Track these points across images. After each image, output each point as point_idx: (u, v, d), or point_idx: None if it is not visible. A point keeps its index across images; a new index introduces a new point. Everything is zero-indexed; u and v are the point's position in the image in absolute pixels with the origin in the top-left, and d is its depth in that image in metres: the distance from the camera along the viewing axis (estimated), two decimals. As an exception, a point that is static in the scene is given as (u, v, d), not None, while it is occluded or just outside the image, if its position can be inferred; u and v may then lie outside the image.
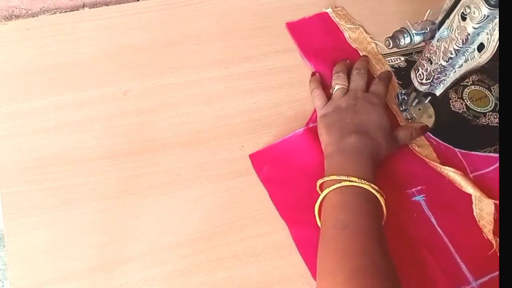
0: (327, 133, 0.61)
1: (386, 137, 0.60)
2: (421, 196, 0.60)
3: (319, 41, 0.73)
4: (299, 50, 0.72)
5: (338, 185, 0.54)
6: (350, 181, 0.53)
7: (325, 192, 0.55)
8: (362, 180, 0.53)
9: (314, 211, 0.56)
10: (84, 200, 0.59)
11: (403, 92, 0.66)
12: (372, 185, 0.54)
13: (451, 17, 0.52)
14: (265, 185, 0.61)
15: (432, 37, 0.56)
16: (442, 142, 0.65)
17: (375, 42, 0.73)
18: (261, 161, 0.62)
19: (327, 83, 0.68)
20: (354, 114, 0.61)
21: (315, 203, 0.55)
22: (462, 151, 0.64)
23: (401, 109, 0.66)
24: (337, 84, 0.65)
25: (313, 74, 0.69)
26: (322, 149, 0.61)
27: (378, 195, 0.54)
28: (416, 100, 0.65)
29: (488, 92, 0.69)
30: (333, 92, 0.65)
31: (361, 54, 0.72)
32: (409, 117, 0.66)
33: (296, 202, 0.59)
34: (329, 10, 0.76)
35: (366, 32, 0.74)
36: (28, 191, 0.59)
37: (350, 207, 0.53)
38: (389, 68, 0.71)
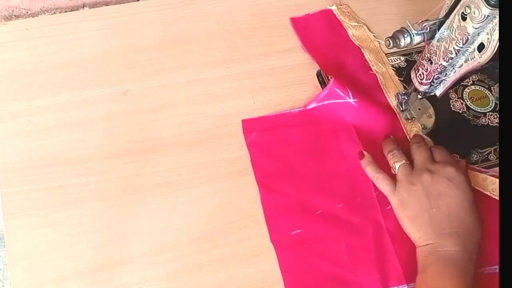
0: (416, 230, 0.54)
1: (478, 218, 0.54)
2: None
3: (322, 37, 0.73)
4: (302, 45, 0.72)
5: None
6: None
7: None
8: None
9: (288, 181, 0.60)
10: (84, 200, 0.58)
11: (403, 92, 0.66)
12: None
13: (451, 17, 0.52)
14: (249, 149, 0.63)
15: (432, 37, 0.56)
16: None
17: (378, 41, 0.73)
18: (252, 127, 0.65)
19: (330, 73, 0.67)
20: (438, 199, 0.54)
21: None
22: None
23: (401, 109, 0.66)
24: (397, 162, 0.59)
25: (361, 154, 0.62)
26: (412, 241, 0.55)
27: None
28: (416, 100, 0.65)
29: (488, 92, 0.69)
30: (397, 172, 0.59)
31: (363, 52, 0.71)
32: (409, 117, 0.66)
33: (275, 171, 0.62)
34: (333, 8, 0.76)
35: (370, 31, 0.74)
36: (28, 191, 0.59)
37: None
38: (391, 70, 0.70)
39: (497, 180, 0.58)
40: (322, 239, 0.58)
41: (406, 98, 0.66)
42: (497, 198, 0.58)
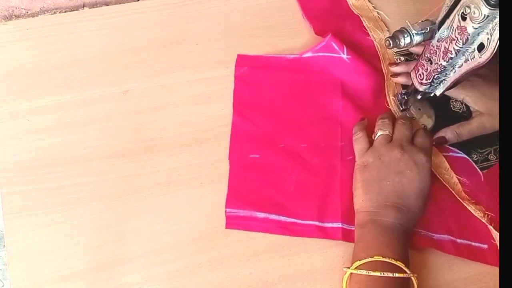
0: (364, 192, 0.57)
1: (424, 205, 0.57)
2: None
3: (322, 5, 0.74)
4: (301, 13, 0.73)
5: (369, 259, 0.52)
6: (383, 257, 0.51)
7: (354, 265, 0.52)
8: (394, 260, 0.51)
9: (263, 116, 0.63)
10: (84, 200, 0.59)
11: (403, 92, 0.66)
12: (404, 266, 0.51)
13: (451, 17, 0.52)
14: (235, 82, 0.67)
15: (432, 37, 0.56)
16: (452, 149, 0.64)
17: (377, 11, 0.74)
18: (245, 63, 0.69)
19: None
20: (396, 175, 0.56)
21: (344, 275, 0.54)
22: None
23: (401, 109, 0.66)
24: (380, 130, 0.61)
25: (362, 118, 0.64)
26: (353, 206, 0.58)
27: (411, 275, 0.52)
28: (416, 100, 0.65)
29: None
30: (375, 138, 0.61)
31: (362, 20, 0.72)
32: (409, 117, 0.66)
33: (254, 104, 0.65)
34: None
35: (369, 1, 0.75)
36: (28, 191, 0.59)
37: (378, 285, 0.51)
38: (387, 34, 0.71)
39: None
40: (275, 168, 0.62)
41: (406, 98, 0.65)
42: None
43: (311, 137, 0.64)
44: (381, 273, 0.50)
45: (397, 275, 0.50)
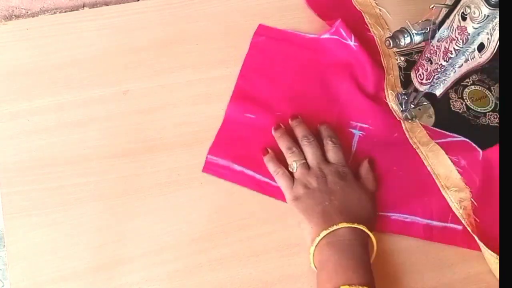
0: (309, 220, 0.56)
1: (371, 208, 0.58)
2: (360, 132, 0.65)
3: None
4: (306, 2, 0.75)
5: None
6: (349, 285, 0.50)
7: None
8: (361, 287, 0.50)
9: (268, 83, 0.66)
10: (84, 200, 0.59)
11: (403, 92, 0.66)
12: None
13: (451, 17, 0.52)
14: (250, 48, 0.70)
15: (432, 37, 0.56)
16: (450, 134, 0.65)
17: (379, 8, 0.75)
18: (264, 32, 0.72)
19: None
20: (329, 196, 0.57)
21: None
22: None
23: (401, 109, 0.66)
24: (295, 162, 0.60)
25: (265, 153, 0.62)
26: (307, 235, 0.57)
27: None
28: (416, 100, 0.65)
29: (488, 92, 0.69)
30: (294, 171, 0.60)
31: (364, 16, 0.73)
32: (409, 117, 0.66)
33: (261, 71, 0.68)
34: None
35: None
36: (28, 191, 0.59)
37: None
38: (387, 31, 0.72)
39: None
40: (265, 131, 0.64)
41: (406, 98, 0.66)
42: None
43: (308, 111, 0.66)
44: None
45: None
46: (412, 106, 0.66)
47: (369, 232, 0.54)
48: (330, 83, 0.68)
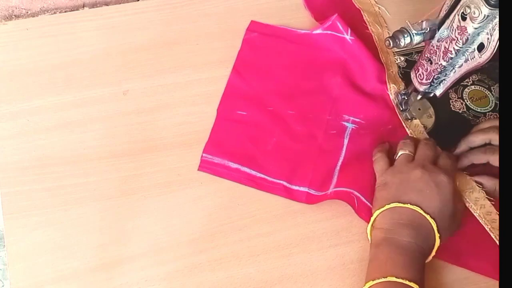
0: (378, 209, 0.55)
1: (445, 227, 0.54)
2: (353, 125, 0.66)
3: None
4: (303, 3, 0.75)
5: (382, 279, 0.50)
6: (396, 277, 0.49)
7: (368, 285, 0.51)
8: (408, 281, 0.49)
9: (260, 79, 0.66)
10: (84, 200, 0.59)
11: (403, 92, 0.66)
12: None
13: (451, 17, 0.52)
14: (242, 44, 0.70)
15: (432, 37, 0.56)
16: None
17: (378, 6, 0.76)
18: (256, 28, 0.72)
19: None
20: (414, 194, 0.54)
21: None
22: None
23: (401, 109, 0.66)
24: (402, 150, 0.59)
25: (383, 142, 0.63)
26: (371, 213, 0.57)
27: None
28: (416, 100, 0.65)
29: (488, 92, 0.69)
30: (396, 158, 0.59)
31: (363, 14, 0.74)
32: (409, 117, 0.66)
33: (254, 67, 0.69)
34: None
35: None
36: (28, 191, 0.59)
37: None
38: (387, 33, 0.73)
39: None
40: (259, 127, 0.65)
41: (406, 98, 0.65)
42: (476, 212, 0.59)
43: (300, 106, 0.66)
44: (385, 278, 0.49)
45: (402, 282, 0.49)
46: (415, 100, 0.66)
47: (435, 231, 0.53)
48: (322, 78, 0.69)
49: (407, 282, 0.49)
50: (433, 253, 0.54)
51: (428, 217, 0.53)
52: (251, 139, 0.64)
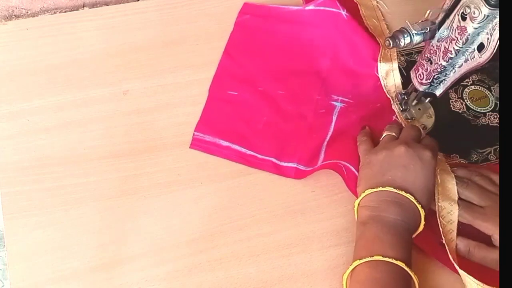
0: (363, 187, 0.56)
1: (428, 203, 0.55)
2: (342, 104, 0.67)
3: None
4: None
5: (369, 258, 0.50)
6: (383, 256, 0.50)
7: (354, 264, 0.51)
8: (395, 260, 0.50)
9: (251, 60, 0.66)
10: (84, 200, 0.59)
11: (403, 92, 0.66)
12: (406, 267, 0.50)
13: (451, 17, 0.52)
14: (235, 27, 0.71)
15: (432, 37, 0.56)
16: None
17: (376, 0, 0.76)
18: (248, 11, 0.73)
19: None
20: (398, 169, 0.55)
21: (344, 273, 0.52)
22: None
23: (401, 109, 0.66)
24: (387, 131, 0.61)
25: (363, 127, 0.64)
26: (356, 190, 0.58)
27: (412, 275, 0.50)
28: (416, 100, 0.65)
29: (488, 92, 0.69)
30: (381, 139, 0.61)
31: (360, 9, 0.73)
32: (409, 117, 0.66)
33: (246, 49, 0.70)
34: None
35: None
36: (28, 191, 0.59)
37: (379, 286, 0.49)
38: (384, 25, 0.73)
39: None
40: (249, 106, 0.66)
41: (406, 98, 0.65)
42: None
43: (290, 86, 0.67)
44: (371, 257, 0.50)
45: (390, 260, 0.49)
46: (410, 105, 0.66)
47: (417, 205, 0.53)
48: (312, 58, 0.70)
49: (393, 261, 0.50)
50: (421, 226, 0.54)
51: (402, 192, 0.53)
52: (242, 118, 0.65)
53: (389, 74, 0.67)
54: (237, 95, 0.66)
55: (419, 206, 0.53)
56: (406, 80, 0.69)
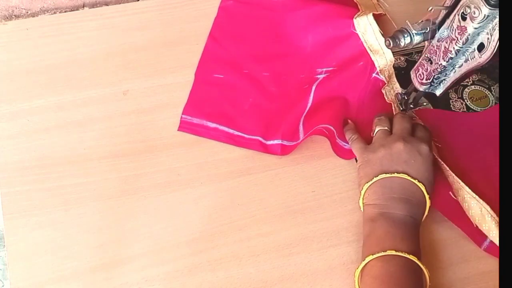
0: (369, 188, 0.56)
1: (430, 195, 0.56)
2: (325, 74, 0.68)
3: None
4: None
5: (382, 253, 0.51)
6: (396, 250, 0.51)
7: (367, 259, 0.52)
8: (407, 254, 0.51)
9: (236, 44, 0.67)
10: (84, 200, 0.59)
11: (403, 92, 0.66)
12: (417, 260, 0.51)
13: (451, 17, 0.52)
14: (219, 11, 0.73)
15: (432, 37, 0.56)
16: None
17: None
18: None
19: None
20: (400, 166, 0.55)
21: (356, 268, 0.53)
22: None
23: (401, 109, 0.66)
24: (379, 126, 0.60)
25: (346, 122, 0.64)
26: (358, 184, 0.59)
27: (423, 268, 0.51)
28: (416, 100, 0.65)
29: (488, 92, 0.69)
30: (374, 135, 0.60)
31: (358, 6, 0.72)
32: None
33: (231, 34, 0.71)
34: None
35: None
36: (28, 191, 0.59)
37: (393, 280, 0.50)
38: (383, 10, 0.74)
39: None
40: (235, 88, 0.67)
41: (406, 98, 0.65)
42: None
43: (275, 68, 0.69)
44: (384, 252, 0.51)
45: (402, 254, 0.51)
46: (412, 106, 0.66)
47: (426, 195, 0.55)
48: (295, 39, 0.71)
49: (406, 255, 0.51)
50: (425, 214, 0.56)
51: (416, 182, 0.55)
52: (228, 100, 0.66)
53: (367, 29, 0.68)
54: (223, 78, 0.68)
55: (427, 197, 0.55)
56: (405, 80, 0.69)
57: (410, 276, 0.51)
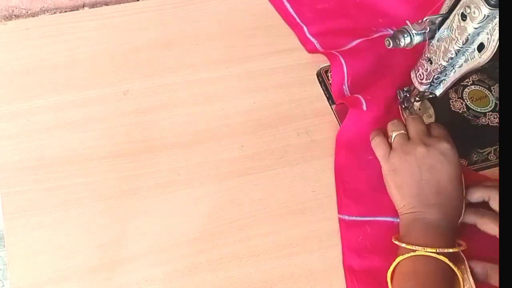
0: (402, 198, 0.56)
1: (462, 192, 0.56)
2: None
3: None
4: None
5: (412, 253, 0.51)
6: (425, 251, 0.51)
7: (398, 259, 0.52)
8: (439, 251, 0.51)
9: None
10: (84, 200, 0.59)
11: (404, 89, 0.66)
12: (449, 262, 0.51)
13: (451, 17, 0.52)
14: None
15: (432, 37, 0.56)
16: None
17: None
18: None
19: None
20: (428, 172, 0.55)
21: (388, 269, 0.53)
22: None
23: (404, 106, 0.66)
24: (394, 131, 0.60)
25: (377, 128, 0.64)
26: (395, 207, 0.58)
27: (456, 270, 0.51)
28: (417, 99, 0.65)
29: (488, 92, 0.69)
30: (392, 141, 0.60)
31: None
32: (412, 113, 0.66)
33: None
34: None
35: None
36: (28, 191, 0.59)
37: (422, 278, 0.51)
38: None
39: None
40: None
41: (408, 95, 0.65)
42: None
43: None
44: (436, 250, 0.51)
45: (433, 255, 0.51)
46: (418, 99, 0.65)
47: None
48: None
49: (435, 255, 0.51)
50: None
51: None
52: None
53: None
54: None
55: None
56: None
57: (439, 275, 0.51)
